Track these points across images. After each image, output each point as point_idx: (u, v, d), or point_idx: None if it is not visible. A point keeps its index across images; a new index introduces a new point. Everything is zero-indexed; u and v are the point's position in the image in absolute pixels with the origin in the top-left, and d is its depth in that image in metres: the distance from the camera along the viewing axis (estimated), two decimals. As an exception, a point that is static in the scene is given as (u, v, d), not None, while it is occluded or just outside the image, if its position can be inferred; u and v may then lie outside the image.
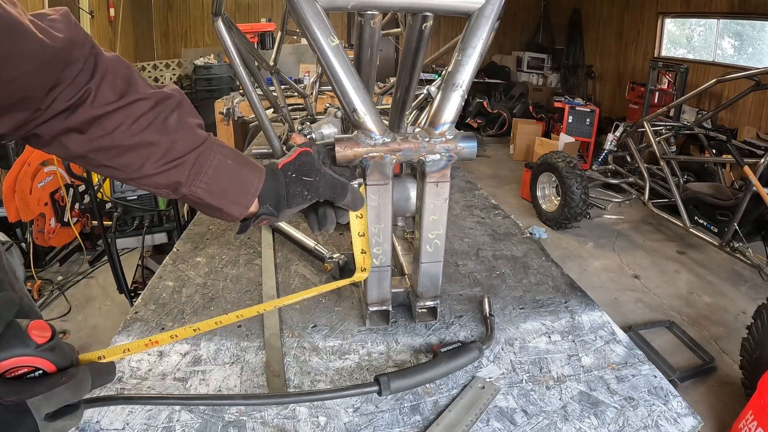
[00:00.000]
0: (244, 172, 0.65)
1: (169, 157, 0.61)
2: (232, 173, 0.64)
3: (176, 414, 0.74)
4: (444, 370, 0.81)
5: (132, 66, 0.63)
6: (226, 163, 0.64)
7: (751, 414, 2.00)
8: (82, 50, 0.57)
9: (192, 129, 0.63)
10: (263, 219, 0.69)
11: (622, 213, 5.05)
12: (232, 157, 0.65)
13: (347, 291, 1.10)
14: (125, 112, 0.59)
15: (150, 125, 0.59)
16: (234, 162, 0.65)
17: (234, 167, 0.64)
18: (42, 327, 0.47)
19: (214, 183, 0.63)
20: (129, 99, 0.59)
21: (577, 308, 1.05)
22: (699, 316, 3.32)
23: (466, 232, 1.42)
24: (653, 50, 7.56)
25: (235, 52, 1.55)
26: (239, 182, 0.65)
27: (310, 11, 0.70)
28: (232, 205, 0.65)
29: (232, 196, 0.64)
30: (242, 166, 0.65)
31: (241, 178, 0.65)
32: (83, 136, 0.58)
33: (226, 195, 0.64)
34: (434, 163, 0.80)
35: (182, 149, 0.61)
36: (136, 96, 0.59)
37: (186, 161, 0.61)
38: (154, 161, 0.60)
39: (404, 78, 0.98)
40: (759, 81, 3.62)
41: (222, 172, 0.63)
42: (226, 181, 0.64)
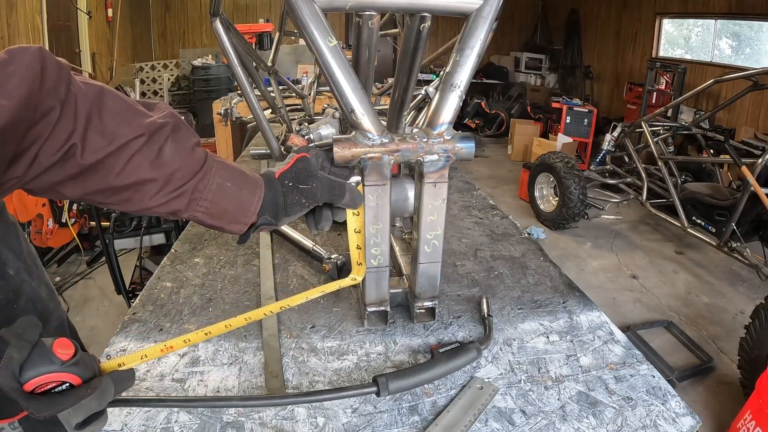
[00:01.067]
0: (244, 193, 0.65)
1: (168, 189, 0.59)
2: (232, 195, 0.63)
3: (174, 415, 0.74)
4: (442, 371, 0.81)
5: (118, 94, 0.59)
6: (224, 186, 0.63)
7: (749, 413, 2.01)
8: (55, 96, 0.52)
9: (189, 154, 0.61)
10: (262, 228, 0.69)
11: (620, 213, 5.05)
12: (231, 177, 0.64)
13: (345, 291, 1.10)
14: (118, 155, 0.56)
15: (145, 162, 0.57)
16: (233, 184, 0.64)
17: (233, 189, 0.64)
18: (65, 345, 0.51)
19: (214, 206, 0.63)
20: (121, 141, 0.56)
21: (576, 308, 1.05)
22: (697, 316, 3.32)
23: (465, 233, 1.42)
24: (651, 51, 7.57)
25: (233, 53, 1.55)
26: (239, 203, 0.64)
27: (308, 12, 0.70)
28: (231, 224, 0.65)
29: (232, 215, 0.64)
30: (241, 186, 0.65)
31: (240, 198, 0.64)
32: (77, 183, 0.56)
33: (225, 215, 0.64)
34: (432, 164, 0.80)
35: (180, 179, 0.60)
36: (128, 135, 0.56)
37: (185, 191, 0.60)
38: (152, 195, 0.59)
39: (402, 78, 0.98)
40: (757, 81, 3.63)
41: (221, 196, 0.62)
42: (225, 203, 0.63)
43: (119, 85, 7.54)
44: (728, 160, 3.52)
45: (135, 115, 0.58)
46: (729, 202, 3.40)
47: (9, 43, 5.25)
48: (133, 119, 0.57)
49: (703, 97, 6.24)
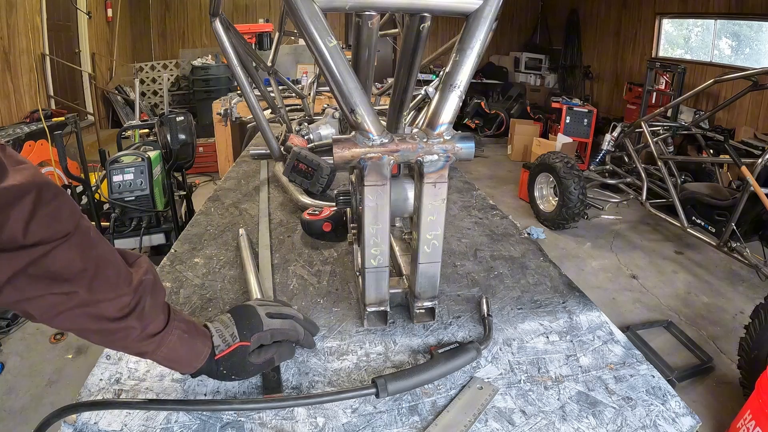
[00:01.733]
0: (198, 345, 0.73)
1: (144, 335, 0.68)
2: (188, 345, 0.72)
3: (174, 415, 0.74)
4: (442, 371, 0.81)
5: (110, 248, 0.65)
6: (183, 338, 0.72)
7: (749, 413, 2.01)
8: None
9: (162, 308, 0.71)
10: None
11: (619, 213, 5.06)
12: (188, 329, 0.73)
13: (345, 292, 1.10)
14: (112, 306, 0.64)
15: (132, 313, 0.65)
16: (189, 336, 0.73)
17: (189, 340, 0.72)
18: None
19: (172, 353, 0.71)
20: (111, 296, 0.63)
21: (575, 308, 1.05)
22: (697, 316, 3.33)
23: (464, 233, 1.42)
24: (651, 51, 7.58)
25: (233, 53, 1.55)
26: (192, 351, 0.73)
27: (308, 12, 0.70)
28: (184, 368, 0.74)
29: (186, 361, 0.73)
30: (195, 337, 0.73)
31: (194, 348, 0.73)
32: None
33: (180, 361, 0.73)
34: (432, 164, 0.80)
35: (153, 330, 0.68)
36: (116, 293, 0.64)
37: (154, 340, 0.69)
38: (132, 339, 0.67)
39: (402, 78, 0.98)
40: (756, 81, 3.64)
41: (179, 346, 0.71)
42: (182, 352, 0.72)
43: (119, 86, 7.55)
44: (728, 160, 3.53)
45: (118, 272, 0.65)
46: (729, 202, 3.40)
47: (9, 43, 5.25)
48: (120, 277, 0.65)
49: (702, 97, 6.25)
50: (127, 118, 6.93)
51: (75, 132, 4.18)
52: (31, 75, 5.66)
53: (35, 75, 5.73)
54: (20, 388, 2.51)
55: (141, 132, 3.60)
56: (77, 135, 4.18)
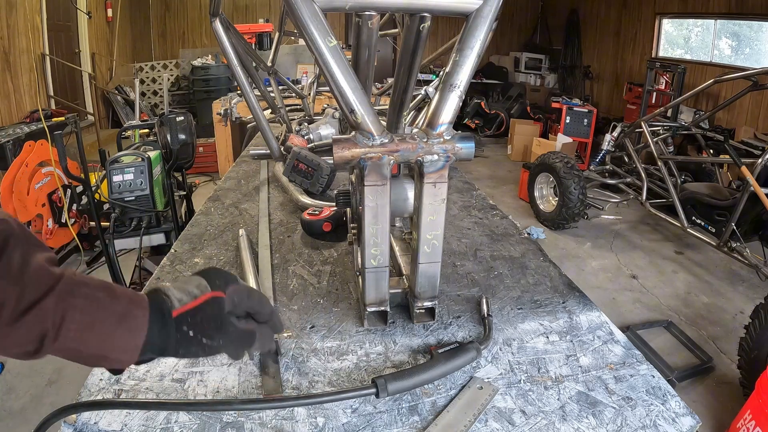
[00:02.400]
0: (122, 305, 0.51)
1: (22, 307, 0.46)
2: (107, 310, 0.50)
3: (174, 415, 0.74)
4: (442, 371, 0.81)
5: None
6: (95, 299, 0.49)
7: (749, 413, 2.01)
8: None
9: (42, 267, 0.49)
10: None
11: (619, 213, 5.06)
12: (103, 289, 0.51)
13: (345, 292, 1.10)
14: None
15: None
16: (106, 294, 0.50)
17: (107, 301, 0.50)
18: None
19: (87, 328, 0.48)
20: None
21: (575, 308, 1.05)
22: (697, 316, 3.33)
23: (464, 233, 1.42)
24: (651, 51, 7.58)
25: (233, 53, 1.55)
26: (121, 319, 0.51)
27: (308, 12, 0.70)
28: (117, 351, 0.51)
29: (118, 339, 0.50)
30: (115, 298, 0.51)
31: (121, 313, 0.51)
32: None
33: (108, 339, 0.50)
34: (432, 164, 0.80)
35: (35, 295, 0.47)
36: None
37: (44, 307, 0.47)
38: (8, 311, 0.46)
39: (402, 78, 0.98)
40: (756, 81, 3.64)
41: (94, 311, 0.49)
42: (102, 322, 0.49)
43: (119, 86, 7.55)
44: (728, 160, 3.53)
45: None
46: (729, 202, 3.40)
47: (9, 43, 5.25)
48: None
49: (702, 97, 6.25)
50: (127, 118, 6.93)
51: (75, 132, 4.18)
52: (31, 75, 5.66)
53: (35, 75, 5.74)
54: (20, 388, 2.51)
55: (141, 132, 3.59)
56: (77, 135, 4.18)
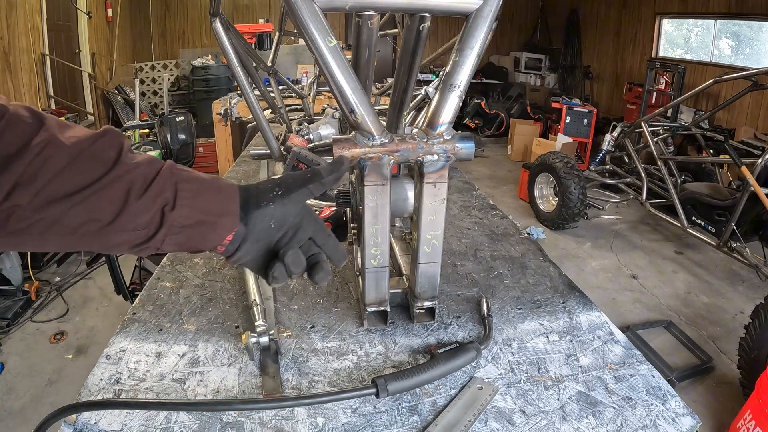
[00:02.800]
0: (212, 180, 0.59)
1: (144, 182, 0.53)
2: (205, 182, 0.58)
3: (174, 415, 0.74)
4: (442, 371, 0.81)
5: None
6: (194, 175, 0.57)
7: (749, 413, 2.01)
8: None
9: (150, 156, 0.56)
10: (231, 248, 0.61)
11: (619, 213, 5.06)
12: (193, 171, 0.59)
13: (345, 292, 1.10)
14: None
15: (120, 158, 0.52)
16: (195, 173, 0.58)
17: (200, 176, 0.58)
18: None
19: (196, 195, 0.56)
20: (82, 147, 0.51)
21: (575, 308, 1.05)
22: (697, 316, 3.33)
23: (464, 233, 1.42)
24: (651, 51, 7.58)
25: (233, 53, 1.55)
26: (217, 189, 0.58)
27: (308, 12, 0.70)
28: (223, 216, 0.57)
29: (220, 204, 0.57)
30: (203, 176, 0.59)
31: (216, 186, 0.58)
32: None
33: (213, 204, 0.57)
34: (432, 164, 0.80)
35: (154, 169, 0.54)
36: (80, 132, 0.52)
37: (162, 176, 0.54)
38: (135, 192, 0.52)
39: (402, 79, 0.98)
40: (756, 81, 3.64)
41: (196, 182, 0.57)
42: (205, 191, 0.57)
43: (119, 86, 7.55)
44: (728, 160, 3.53)
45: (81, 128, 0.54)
46: (729, 202, 3.40)
47: (9, 43, 5.25)
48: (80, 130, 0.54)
49: (702, 97, 6.25)
50: (127, 118, 6.92)
51: (75, 132, 4.17)
52: (31, 75, 5.66)
53: (35, 75, 5.73)
54: (20, 388, 2.51)
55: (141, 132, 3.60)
56: (77, 135, 4.18)
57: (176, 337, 0.93)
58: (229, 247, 0.60)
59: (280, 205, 0.61)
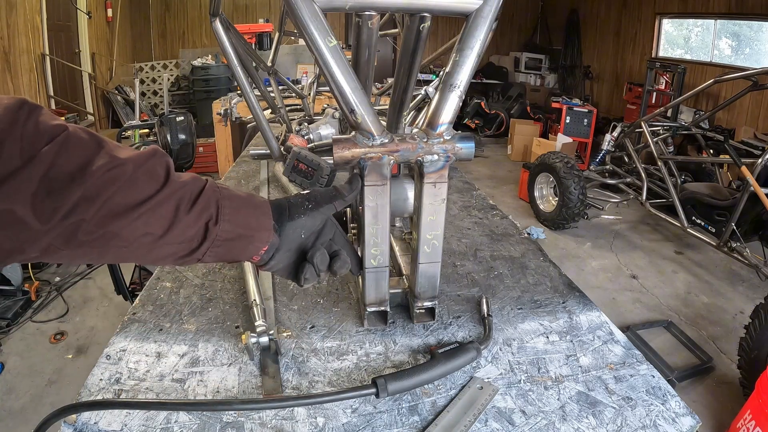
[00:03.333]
0: (249, 197, 0.65)
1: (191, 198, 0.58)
2: (242, 199, 0.63)
3: (174, 415, 0.74)
4: (442, 371, 0.81)
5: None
6: (231, 192, 0.63)
7: (749, 413, 2.01)
8: None
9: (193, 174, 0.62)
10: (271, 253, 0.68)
11: (619, 213, 5.06)
12: (232, 187, 0.64)
13: (345, 292, 1.10)
14: None
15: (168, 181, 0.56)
16: (233, 191, 0.63)
17: (237, 193, 0.63)
18: None
19: (236, 211, 0.61)
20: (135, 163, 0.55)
21: (575, 308, 1.05)
22: (697, 316, 3.33)
23: (464, 233, 1.42)
24: (651, 51, 7.58)
25: (233, 53, 1.55)
26: (255, 207, 0.64)
27: (308, 12, 0.70)
28: (260, 230, 0.64)
29: (257, 220, 0.63)
30: (240, 193, 0.64)
31: (252, 203, 0.64)
32: None
33: (251, 220, 0.63)
34: (432, 164, 0.80)
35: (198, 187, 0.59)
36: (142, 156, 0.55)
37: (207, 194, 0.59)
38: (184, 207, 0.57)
39: (402, 78, 0.98)
40: (756, 81, 3.64)
41: (235, 200, 0.62)
42: (243, 207, 0.62)
43: (119, 86, 7.55)
44: (728, 160, 3.53)
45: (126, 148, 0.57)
46: (729, 202, 3.40)
47: (9, 43, 5.25)
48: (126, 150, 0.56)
49: (702, 97, 6.25)
50: (127, 118, 6.92)
51: (75, 132, 4.17)
52: (31, 75, 5.66)
53: (35, 75, 5.73)
54: (20, 388, 2.51)
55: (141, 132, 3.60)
56: (77, 135, 4.18)
57: (176, 337, 0.93)
58: (264, 257, 0.67)
59: (310, 218, 0.71)
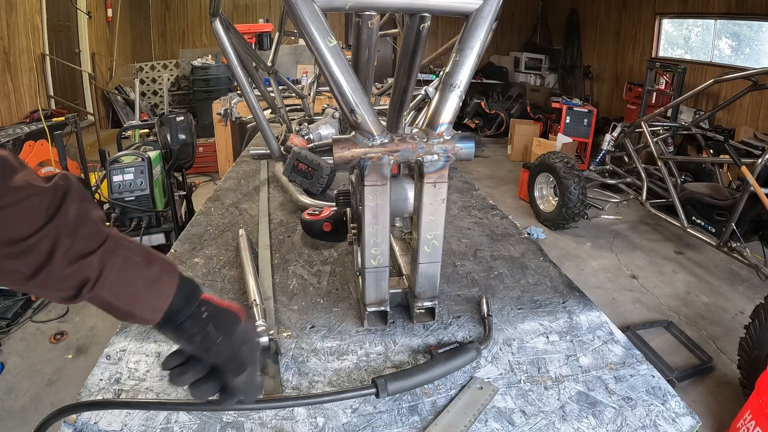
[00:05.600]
0: (155, 271, 0.57)
1: (72, 255, 0.51)
2: (144, 273, 0.56)
3: (174, 415, 0.74)
4: (441, 371, 0.81)
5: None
6: (134, 261, 0.55)
7: (749, 413, 2.01)
8: None
9: (94, 224, 0.54)
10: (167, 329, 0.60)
11: (619, 213, 5.05)
12: (142, 253, 0.57)
13: (345, 292, 1.10)
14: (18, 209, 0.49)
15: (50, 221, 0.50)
16: (145, 261, 0.56)
17: (144, 266, 0.56)
18: None
19: (120, 284, 0.54)
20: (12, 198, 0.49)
21: (575, 308, 1.05)
22: (697, 316, 3.32)
23: (464, 233, 1.42)
24: (651, 51, 7.57)
25: (233, 53, 1.55)
26: (152, 283, 0.57)
27: (308, 12, 0.70)
28: (144, 310, 0.57)
29: (143, 297, 0.56)
30: (153, 264, 0.57)
31: (152, 277, 0.57)
32: None
33: (136, 297, 0.56)
34: (432, 164, 0.80)
35: (84, 248, 0.52)
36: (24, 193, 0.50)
37: (89, 262, 0.52)
38: (57, 261, 0.51)
39: (402, 78, 0.98)
40: (756, 81, 3.63)
41: (131, 272, 0.55)
42: (136, 283, 0.55)
43: (119, 86, 7.55)
44: (728, 160, 3.52)
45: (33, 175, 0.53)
46: (729, 202, 3.40)
47: (9, 43, 5.25)
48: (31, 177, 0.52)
49: (702, 97, 6.25)
50: (127, 118, 6.92)
51: (75, 132, 4.18)
52: (31, 75, 5.66)
53: (35, 75, 5.73)
54: (20, 388, 2.51)
55: (141, 132, 3.59)
56: (77, 135, 4.18)
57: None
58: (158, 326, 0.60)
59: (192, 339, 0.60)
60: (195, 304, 0.60)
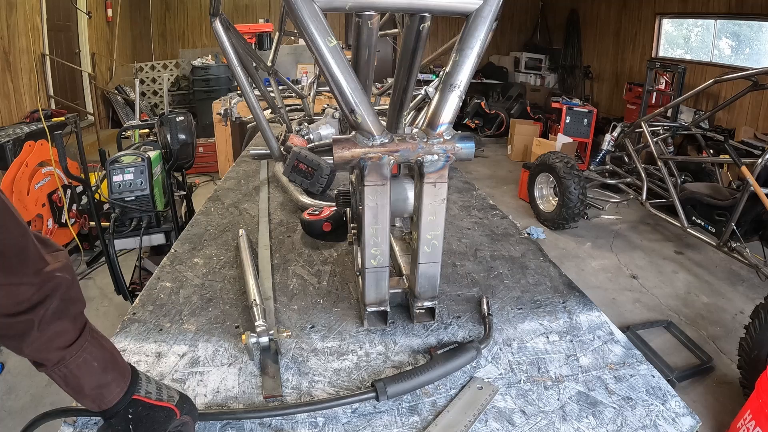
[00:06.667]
0: (108, 379, 0.63)
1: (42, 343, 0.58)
2: (94, 377, 0.62)
3: (174, 415, 0.74)
4: (441, 372, 0.81)
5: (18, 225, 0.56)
6: (90, 366, 0.61)
7: (749, 413, 2.01)
8: None
9: (72, 322, 0.61)
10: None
11: (619, 213, 5.05)
12: (102, 359, 0.63)
13: (345, 292, 1.10)
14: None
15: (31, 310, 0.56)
16: (100, 366, 0.62)
17: (97, 371, 0.62)
18: None
19: (72, 379, 0.60)
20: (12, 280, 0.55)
21: (575, 308, 1.05)
22: (697, 316, 3.32)
23: (464, 233, 1.42)
24: (651, 51, 7.58)
25: (233, 53, 1.55)
26: (99, 386, 0.63)
27: (308, 12, 0.70)
28: (84, 400, 0.63)
29: (88, 393, 0.62)
30: (108, 371, 0.63)
31: (102, 382, 0.63)
32: None
33: (81, 391, 0.62)
34: (432, 164, 0.80)
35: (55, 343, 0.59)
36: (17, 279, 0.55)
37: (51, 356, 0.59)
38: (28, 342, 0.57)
39: (402, 78, 0.98)
40: (756, 81, 3.63)
41: (83, 373, 0.61)
42: (85, 381, 0.61)
43: (119, 86, 7.55)
44: (728, 160, 3.52)
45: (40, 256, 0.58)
46: (729, 202, 3.40)
47: (9, 43, 5.25)
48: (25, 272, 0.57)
49: (702, 97, 6.25)
50: (127, 118, 6.93)
51: (75, 132, 4.18)
52: (31, 75, 5.66)
53: (35, 75, 5.73)
54: (20, 388, 2.51)
55: (141, 132, 3.59)
56: (77, 135, 4.18)
57: (176, 337, 0.93)
58: None
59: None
60: (124, 405, 0.65)
